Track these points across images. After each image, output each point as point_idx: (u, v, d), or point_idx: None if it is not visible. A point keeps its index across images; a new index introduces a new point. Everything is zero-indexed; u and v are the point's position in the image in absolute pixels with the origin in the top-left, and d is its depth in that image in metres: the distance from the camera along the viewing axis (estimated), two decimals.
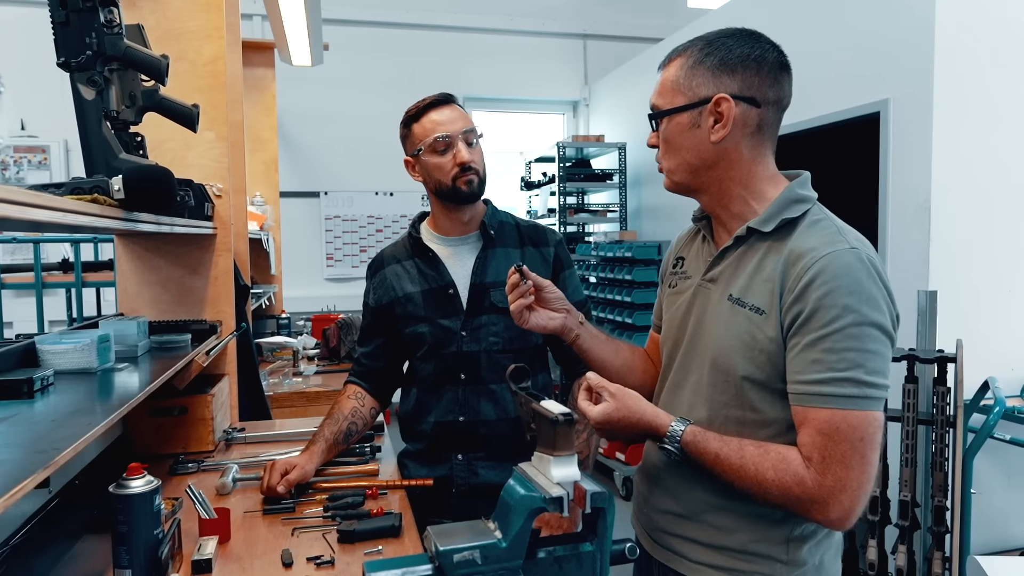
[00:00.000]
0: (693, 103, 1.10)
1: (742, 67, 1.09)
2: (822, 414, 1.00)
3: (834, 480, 0.98)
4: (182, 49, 2.06)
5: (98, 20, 1.32)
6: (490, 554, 0.94)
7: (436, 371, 1.69)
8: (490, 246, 1.71)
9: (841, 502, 0.98)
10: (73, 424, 1.07)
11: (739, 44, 1.10)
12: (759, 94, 1.09)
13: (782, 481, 1.01)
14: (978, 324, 2.82)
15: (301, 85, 5.52)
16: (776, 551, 1.10)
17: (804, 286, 1.01)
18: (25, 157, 5.06)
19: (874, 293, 1.00)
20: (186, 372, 1.73)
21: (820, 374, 1.00)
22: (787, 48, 1.19)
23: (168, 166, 1.62)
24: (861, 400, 0.98)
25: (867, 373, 0.98)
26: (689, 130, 1.11)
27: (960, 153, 2.88)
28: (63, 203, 1.03)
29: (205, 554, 1.26)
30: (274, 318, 3.84)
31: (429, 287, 1.70)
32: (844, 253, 1.01)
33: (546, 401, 1.04)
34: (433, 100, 1.66)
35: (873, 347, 0.99)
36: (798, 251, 1.04)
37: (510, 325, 1.67)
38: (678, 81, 1.11)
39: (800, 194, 1.12)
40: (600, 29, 6.44)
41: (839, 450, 0.98)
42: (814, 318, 1.00)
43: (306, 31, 3.47)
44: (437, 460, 1.70)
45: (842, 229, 1.07)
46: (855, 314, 0.98)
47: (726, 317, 1.11)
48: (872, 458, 0.99)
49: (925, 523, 2.52)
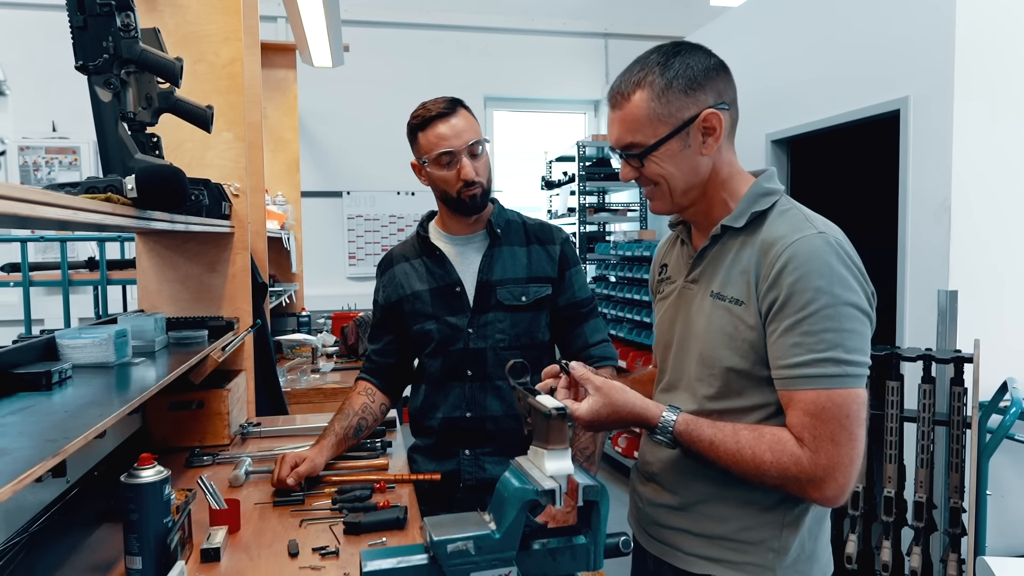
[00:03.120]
0: (680, 127, 1.10)
1: (708, 79, 1.11)
2: (807, 395, 1.03)
3: (827, 458, 1.01)
4: (201, 51, 2.11)
5: (115, 24, 1.36)
6: (484, 545, 0.96)
7: (443, 368, 1.72)
8: (496, 244, 1.73)
9: (836, 479, 1.01)
10: (86, 415, 1.11)
11: (693, 58, 1.12)
12: (727, 97, 1.14)
13: (780, 462, 1.03)
14: (998, 324, 2.78)
15: (323, 86, 5.58)
16: (768, 538, 1.12)
17: (777, 273, 1.04)
18: (56, 158, 5.19)
19: (844, 274, 1.03)
20: (202, 367, 1.77)
21: (801, 356, 1.02)
22: (806, 46, 1.22)
23: (187, 166, 1.67)
24: (843, 379, 1.01)
25: (846, 352, 1.01)
26: (680, 153, 1.12)
27: (981, 151, 2.84)
28: (76, 202, 1.07)
29: (214, 543, 1.29)
30: (294, 316, 3.89)
31: (437, 285, 1.73)
32: (812, 238, 1.05)
33: (541, 395, 1.06)
34: (438, 112, 1.64)
35: (849, 326, 1.02)
36: (769, 240, 1.08)
37: (516, 322, 1.70)
38: (653, 111, 1.10)
39: (767, 187, 1.15)
40: (621, 28, 6.42)
41: (828, 429, 1.01)
42: (789, 303, 1.03)
43: (326, 33, 3.52)
44: (445, 455, 1.73)
45: (809, 216, 1.10)
46: (828, 295, 1.01)
47: (708, 312, 1.14)
48: (859, 434, 1.02)
49: (942, 525, 2.49)
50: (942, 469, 2.51)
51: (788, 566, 1.12)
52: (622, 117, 1.13)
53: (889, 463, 2.51)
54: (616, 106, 1.14)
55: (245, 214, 2.18)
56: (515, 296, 1.70)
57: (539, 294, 1.72)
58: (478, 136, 1.66)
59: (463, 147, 1.63)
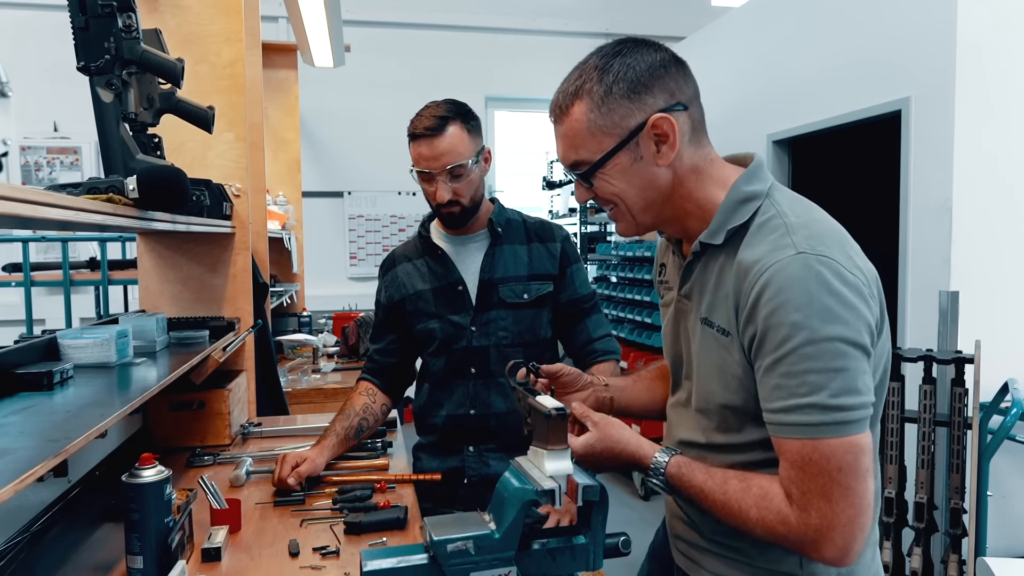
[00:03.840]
0: (626, 137, 0.97)
1: (654, 79, 0.98)
2: (792, 445, 0.90)
3: (819, 517, 0.88)
4: (202, 52, 2.12)
5: (116, 25, 1.36)
6: (483, 545, 0.96)
7: (447, 366, 1.73)
8: (498, 243, 1.74)
9: (833, 540, 0.88)
10: (87, 415, 1.11)
11: (635, 57, 0.99)
12: (682, 96, 1.00)
13: (765, 520, 0.92)
14: (999, 325, 2.78)
15: (324, 86, 5.59)
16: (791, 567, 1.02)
17: (752, 304, 0.92)
18: (58, 158, 5.20)
19: (828, 303, 0.88)
20: (203, 367, 1.78)
21: (783, 401, 0.90)
22: (807, 46, 1.16)
23: (188, 167, 1.68)
24: (831, 427, 0.87)
25: (832, 396, 0.87)
26: (632, 166, 0.99)
27: (982, 151, 2.84)
28: (78, 203, 1.07)
29: (215, 543, 1.29)
30: (295, 316, 3.90)
31: (439, 284, 1.74)
32: (789, 262, 0.90)
33: (541, 396, 1.06)
34: (423, 130, 1.62)
35: (835, 364, 0.87)
36: (746, 263, 0.94)
37: (519, 319, 1.71)
38: (594, 123, 0.98)
39: (746, 192, 1.00)
40: (623, 28, 6.42)
41: (817, 484, 0.88)
42: (766, 340, 0.91)
43: (327, 32, 3.52)
44: (449, 452, 1.74)
45: (792, 227, 0.94)
46: (806, 331, 0.87)
47: (700, 339, 1.04)
48: (858, 487, 0.88)
49: (943, 526, 2.49)
50: (943, 470, 2.51)
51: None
52: (564, 133, 1.02)
53: (890, 464, 2.51)
54: (557, 121, 1.03)
55: (246, 214, 2.18)
56: (517, 294, 1.71)
57: (541, 291, 1.73)
58: (462, 157, 1.62)
59: (441, 170, 1.62)
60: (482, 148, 1.70)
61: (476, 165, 1.67)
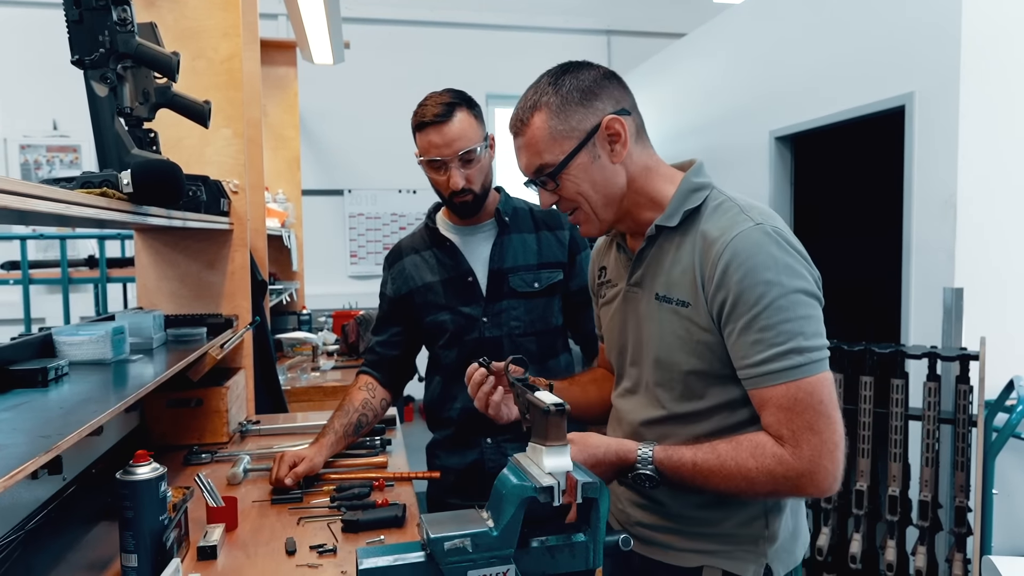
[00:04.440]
0: (584, 139, 1.09)
1: (601, 88, 1.11)
2: (778, 391, 1.02)
3: (811, 449, 1.00)
4: (199, 47, 2.10)
5: (111, 18, 1.35)
6: (481, 542, 0.95)
7: (460, 358, 1.71)
8: (506, 232, 1.73)
9: (825, 467, 1.00)
10: (81, 412, 1.10)
11: (581, 72, 1.12)
12: (625, 103, 1.13)
13: (764, 465, 1.02)
14: (1005, 322, 2.76)
15: (325, 84, 5.58)
16: (757, 528, 1.12)
17: (722, 273, 1.03)
18: (57, 156, 5.19)
19: (789, 261, 1.02)
20: (200, 365, 1.76)
21: (764, 353, 1.02)
22: (809, 42, 1.20)
23: (185, 163, 1.66)
24: (809, 366, 1.01)
25: (806, 339, 1.01)
26: (592, 165, 1.10)
27: (987, 147, 2.82)
28: (71, 196, 1.06)
29: (211, 541, 1.28)
30: (295, 314, 3.89)
31: (448, 276, 1.72)
32: (751, 231, 1.04)
33: (540, 392, 1.05)
34: (432, 117, 1.60)
35: (804, 312, 1.02)
36: (709, 237, 1.06)
37: (531, 308, 1.70)
38: (555, 130, 1.09)
39: (696, 182, 1.13)
40: (624, 25, 6.41)
41: (805, 419, 1.00)
42: (740, 301, 1.02)
43: (326, 29, 3.51)
44: (466, 445, 1.73)
45: (744, 207, 1.08)
46: (778, 286, 1.01)
47: (658, 316, 1.13)
48: (836, 416, 1.02)
49: (947, 524, 2.47)
50: (947, 468, 2.49)
51: (778, 548, 1.13)
52: (526, 143, 1.12)
53: (894, 462, 2.49)
54: (518, 134, 1.14)
55: (244, 211, 2.17)
56: (528, 283, 1.70)
57: (551, 279, 1.72)
58: (473, 143, 1.61)
59: (453, 156, 1.60)
60: (487, 135, 1.68)
61: (484, 151, 1.66)
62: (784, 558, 1.14)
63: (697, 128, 4.97)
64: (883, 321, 3.71)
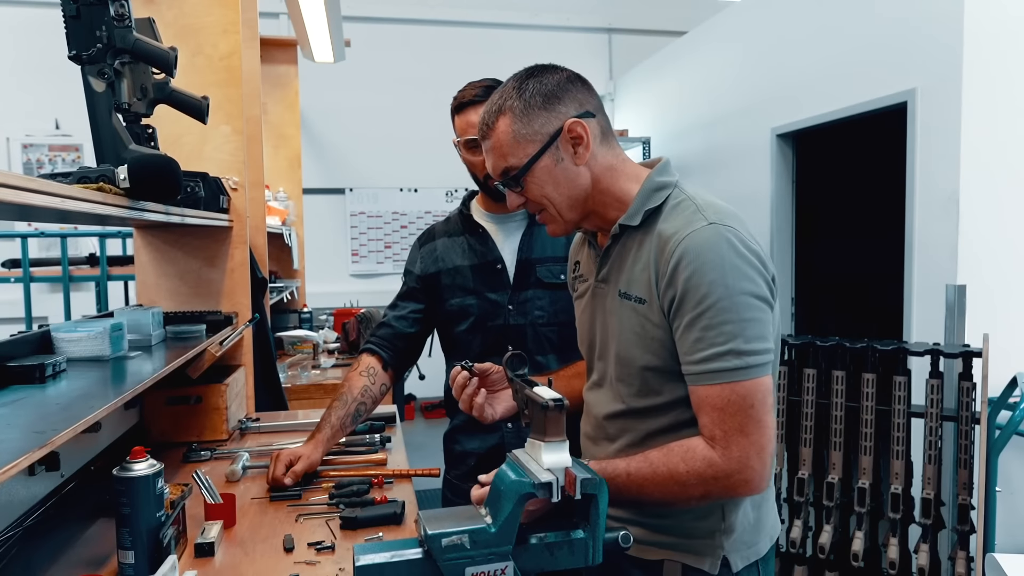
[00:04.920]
0: (547, 142, 1.12)
1: (564, 92, 1.13)
2: (713, 391, 1.04)
3: (739, 450, 1.03)
4: (199, 44, 2.10)
5: (108, 14, 1.34)
6: (479, 539, 0.94)
7: (484, 344, 1.71)
8: (536, 223, 1.73)
9: (753, 467, 1.03)
10: (78, 408, 1.10)
11: (545, 76, 1.14)
12: (590, 106, 1.15)
13: (694, 469, 1.04)
14: (1007, 319, 2.75)
15: (325, 82, 5.57)
16: (712, 520, 1.14)
17: (672, 270, 1.06)
18: (59, 155, 5.20)
19: (737, 263, 1.04)
20: (199, 362, 1.76)
21: (703, 352, 1.04)
22: (811, 39, 1.20)
23: (185, 160, 1.66)
24: (745, 370, 1.02)
25: (746, 342, 1.02)
26: (556, 167, 1.13)
27: (989, 143, 2.80)
28: (67, 190, 1.05)
29: (208, 538, 1.27)
30: (296, 312, 3.88)
31: (478, 262, 1.73)
32: (703, 231, 1.05)
33: (538, 387, 1.04)
34: (472, 97, 1.65)
35: (748, 315, 1.03)
36: (664, 236, 1.09)
37: (555, 299, 1.71)
38: (518, 133, 1.12)
39: (659, 182, 1.15)
40: (625, 23, 6.40)
41: (736, 421, 1.03)
42: (686, 299, 1.04)
43: (326, 27, 3.50)
44: (487, 430, 1.71)
45: (702, 206, 1.10)
46: (722, 287, 1.02)
47: (619, 312, 1.16)
48: (767, 420, 1.04)
49: (950, 522, 2.46)
50: (950, 465, 2.48)
51: (735, 540, 1.14)
52: (492, 146, 1.15)
53: (896, 459, 2.48)
54: (485, 137, 1.17)
55: (244, 208, 2.16)
56: (554, 274, 1.70)
57: None
58: None
59: None
60: None
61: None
62: (743, 550, 1.15)
63: (699, 126, 4.96)
64: (886, 318, 3.70)
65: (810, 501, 2.68)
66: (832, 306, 5.26)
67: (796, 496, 2.68)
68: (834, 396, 2.60)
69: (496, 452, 1.71)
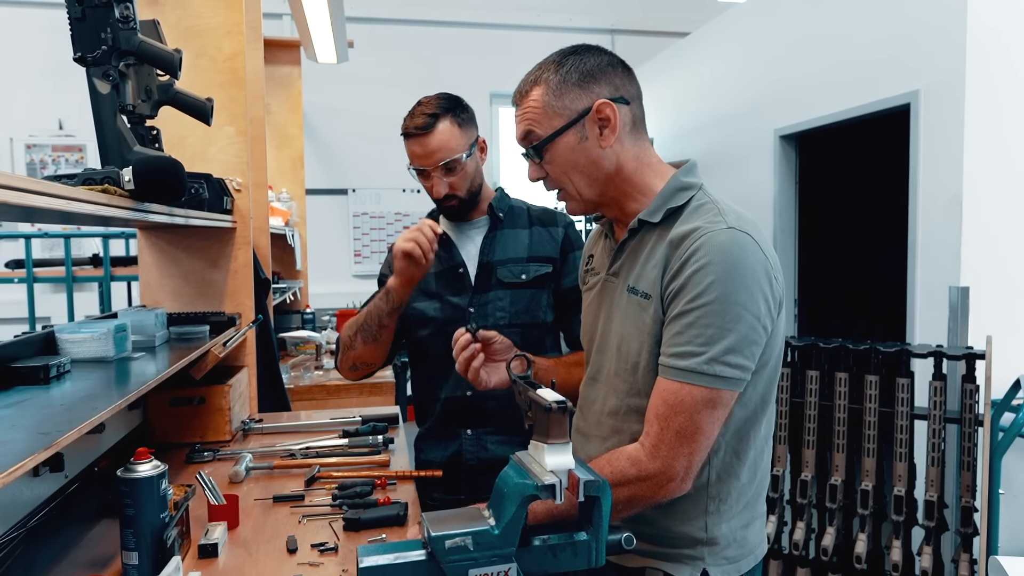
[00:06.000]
0: (575, 119, 1.12)
1: (602, 73, 1.13)
2: (671, 385, 1.04)
3: (668, 450, 1.03)
4: (202, 45, 2.10)
5: (113, 16, 1.35)
6: (482, 540, 0.94)
7: (445, 348, 1.71)
8: (498, 227, 1.77)
9: (676, 470, 1.03)
10: (82, 409, 1.10)
11: (587, 56, 1.14)
12: (626, 92, 1.15)
13: (618, 468, 1.05)
14: (1011, 321, 2.74)
15: (328, 83, 5.58)
16: (695, 531, 1.13)
17: (681, 263, 1.05)
18: (63, 156, 5.21)
19: (742, 273, 1.02)
20: (202, 362, 1.76)
21: (679, 348, 1.04)
22: (814, 40, 1.20)
23: (188, 161, 1.66)
24: (709, 377, 1.01)
25: (722, 351, 1.01)
26: (579, 145, 1.13)
27: (993, 145, 2.80)
28: (72, 192, 1.06)
29: (212, 539, 1.28)
30: (299, 313, 3.89)
31: (442, 267, 1.76)
32: (720, 232, 1.04)
33: (542, 389, 1.04)
34: (414, 128, 1.65)
35: (733, 326, 1.01)
36: (681, 234, 1.08)
37: (516, 299, 1.72)
38: (549, 105, 1.12)
39: (684, 182, 1.15)
40: (628, 24, 6.40)
41: (677, 421, 1.02)
42: (683, 291, 1.04)
43: (330, 28, 3.51)
44: (448, 437, 1.75)
45: (724, 210, 1.09)
46: (719, 291, 1.01)
47: (624, 307, 1.16)
48: (708, 431, 1.03)
49: (953, 524, 2.46)
50: (953, 468, 2.48)
51: (717, 553, 1.14)
52: (522, 114, 1.16)
53: (899, 461, 2.48)
54: (517, 104, 1.18)
55: (247, 209, 2.16)
56: (515, 274, 1.72)
57: (539, 272, 1.73)
58: (455, 152, 1.65)
59: (435, 167, 1.66)
60: (476, 139, 1.73)
61: (470, 157, 1.70)
62: (723, 564, 1.14)
63: (701, 127, 4.96)
64: (889, 320, 3.70)
65: (813, 503, 2.67)
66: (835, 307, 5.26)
67: (799, 498, 2.68)
68: (837, 398, 2.60)
69: (455, 461, 1.72)
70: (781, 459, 2.73)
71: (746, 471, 1.15)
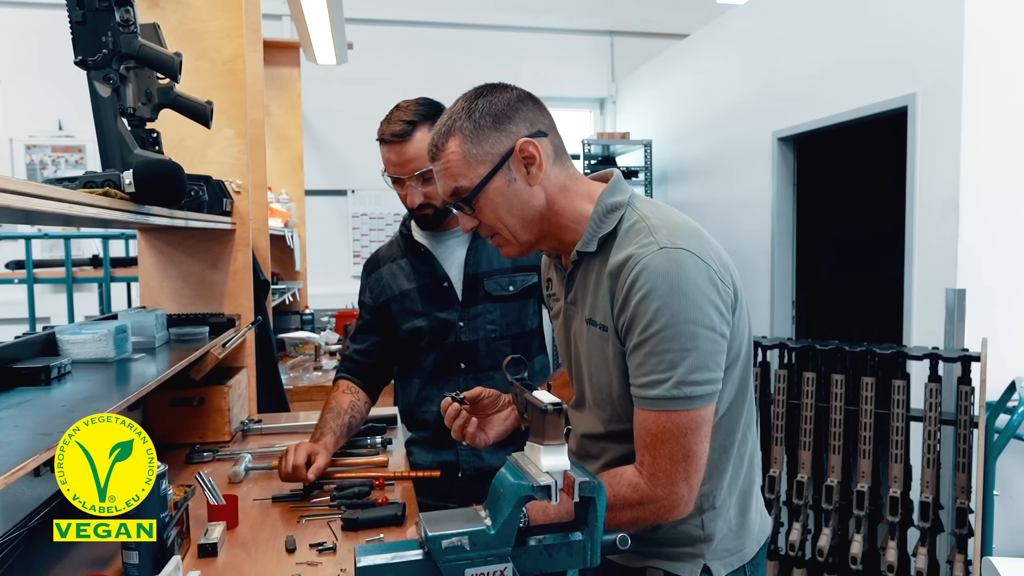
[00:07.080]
0: (499, 163, 1.09)
1: (514, 111, 1.11)
2: (649, 416, 1.05)
3: (665, 477, 1.04)
4: (203, 48, 2.11)
5: (114, 19, 1.36)
6: (478, 540, 0.95)
7: (437, 362, 1.72)
8: (479, 237, 1.73)
9: (679, 495, 1.04)
10: (83, 409, 1.11)
11: (494, 95, 1.11)
12: (541, 125, 1.12)
13: (619, 493, 1.05)
14: (1006, 323, 2.75)
15: (328, 84, 5.58)
16: (692, 529, 1.14)
17: (625, 295, 1.05)
18: (63, 157, 5.21)
19: (685, 290, 1.02)
20: (202, 363, 1.77)
21: (645, 378, 1.04)
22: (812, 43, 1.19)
23: (188, 163, 1.67)
24: (683, 400, 1.02)
25: (687, 372, 1.02)
26: (509, 188, 1.10)
27: (989, 148, 2.81)
28: (74, 195, 1.07)
29: (211, 538, 1.29)
30: (298, 314, 3.90)
31: (424, 282, 1.73)
32: (654, 256, 1.03)
33: (537, 391, 1.05)
34: (390, 135, 1.62)
35: (690, 345, 1.02)
36: (618, 264, 1.08)
37: (506, 312, 1.71)
38: (469, 153, 1.09)
39: (610, 203, 1.13)
40: (628, 25, 6.41)
41: (667, 449, 1.04)
42: (634, 324, 1.04)
43: (329, 29, 3.52)
44: (442, 445, 1.74)
45: (654, 227, 1.08)
46: (667, 316, 1.01)
47: (587, 338, 1.16)
48: (698, 450, 1.04)
49: (949, 525, 2.47)
50: (949, 469, 2.49)
51: (716, 548, 1.15)
52: (443, 168, 1.12)
53: (895, 463, 2.49)
54: (435, 159, 1.13)
55: (247, 211, 2.18)
56: (503, 286, 1.71)
57: (526, 282, 1.73)
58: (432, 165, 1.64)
59: (410, 176, 1.62)
60: None
61: None
62: (725, 557, 1.15)
63: (700, 128, 4.97)
64: (885, 322, 3.71)
65: (809, 504, 2.69)
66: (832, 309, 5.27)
67: (795, 499, 2.69)
68: (833, 399, 2.61)
69: (450, 468, 1.71)
70: (778, 460, 2.74)
71: (734, 461, 1.16)
